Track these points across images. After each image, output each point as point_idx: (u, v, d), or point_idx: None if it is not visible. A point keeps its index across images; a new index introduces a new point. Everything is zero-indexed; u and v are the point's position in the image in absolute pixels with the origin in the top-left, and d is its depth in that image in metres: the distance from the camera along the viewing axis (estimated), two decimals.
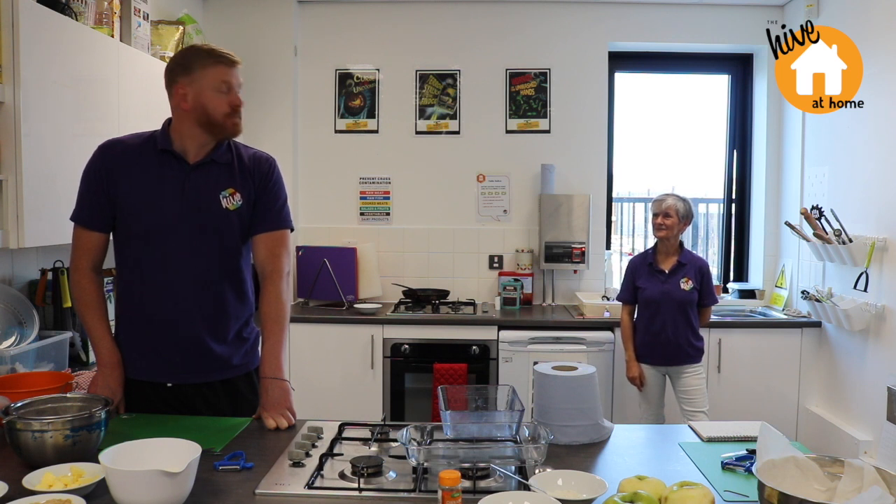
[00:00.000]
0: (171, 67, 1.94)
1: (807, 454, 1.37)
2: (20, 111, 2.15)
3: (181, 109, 1.91)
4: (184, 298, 1.93)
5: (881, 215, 3.36)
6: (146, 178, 1.91)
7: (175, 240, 1.91)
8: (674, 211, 3.41)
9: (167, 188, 1.91)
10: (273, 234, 2.02)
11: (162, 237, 1.90)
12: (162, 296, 1.93)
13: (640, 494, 1.29)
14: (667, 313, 3.38)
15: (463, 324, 3.91)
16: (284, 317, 2.00)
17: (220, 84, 1.89)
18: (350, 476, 1.55)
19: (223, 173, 1.97)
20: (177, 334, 1.94)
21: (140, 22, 3.05)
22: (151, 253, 1.91)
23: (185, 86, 1.89)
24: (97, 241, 1.95)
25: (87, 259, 1.95)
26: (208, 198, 1.94)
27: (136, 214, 1.90)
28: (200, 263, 1.94)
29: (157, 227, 1.90)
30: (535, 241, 4.44)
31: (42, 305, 2.63)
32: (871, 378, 3.43)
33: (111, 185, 1.90)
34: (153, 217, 1.90)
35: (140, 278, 1.94)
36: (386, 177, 4.53)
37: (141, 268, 1.94)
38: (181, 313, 1.94)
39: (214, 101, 1.89)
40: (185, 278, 1.93)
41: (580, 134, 4.47)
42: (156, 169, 1.92)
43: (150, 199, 1.90)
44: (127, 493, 1.30)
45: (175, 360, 1.96)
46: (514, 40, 4.45)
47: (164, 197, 1.90)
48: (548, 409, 1.82)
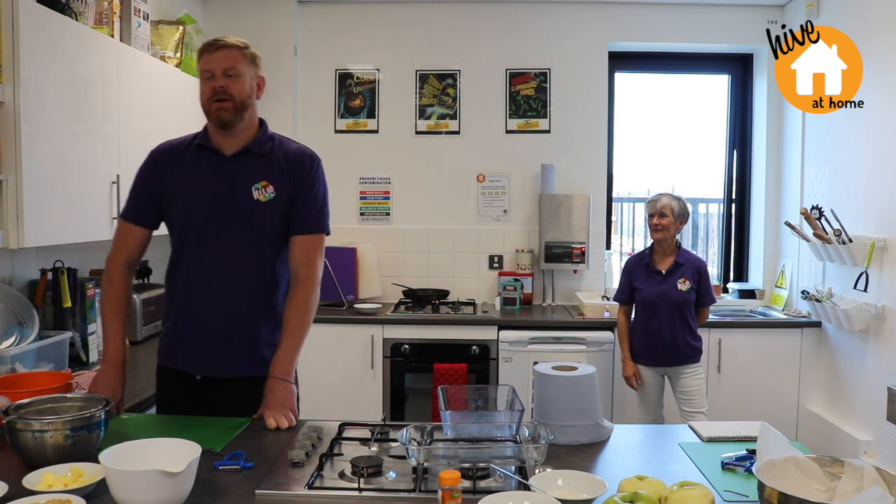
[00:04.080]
0: None
1: (807, 454, 1.37)
2: (20, 111, 2.14)
3: None
4: (213, 289, 1.96)
5: (881, 215, 3.36)
6: (186, 172, 1.98)
7: (206, 229, 1.96)
8: (669, 210, 3.40)
9: (202, 180, 1.97)
10: (310, 238, 2.00)
11: (195, 227, 1.96)
12: (193, 285, 1.98)
13: (640, 494, 1.29)
14: (664, 314, 3.38)
15: (463, 324, 3.91)
16: (307, 323, 2.00)
17: (203, 72, 1.94)
18: (350, 476, 1.55)
19: (259, 165, 1.98)
20: (203, 325, 1.97)
21: (140, 22, 3.04)
22: (188, 243, 1.98)
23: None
24: (137, 237, 2.01)
25: (124, 253, 2.01)
26: (240, 189, 1.96)
27: (175, 206, 1.98)
28: (229, 254, 1.95)
29: (191, 217, 1.96)
30: (535, 241, 4.44)
31: (42, 305, 2.63)
32: (871, 378, 3.43)
33: (156, 181, 1.98)
34: (188, 208, 1.96)
35: (179, 268, 2.01)
36: (386, 177, 4.53)
37: (181, 257, 2.00)
38: (210, 304, 1.96)
39: (202, 89, 1.94)
40: (215, 269, 1.95)
41: (580, 134, 4.47)
42: (194, 163, 1.99)
43: (186, 191, 1.97)
44: (127, 493, 1.30)
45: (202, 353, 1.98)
46: (514, 40, 4.45)
47: (199, 188, 1.97)
48: (548, 409, 1.82)
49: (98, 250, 3.14)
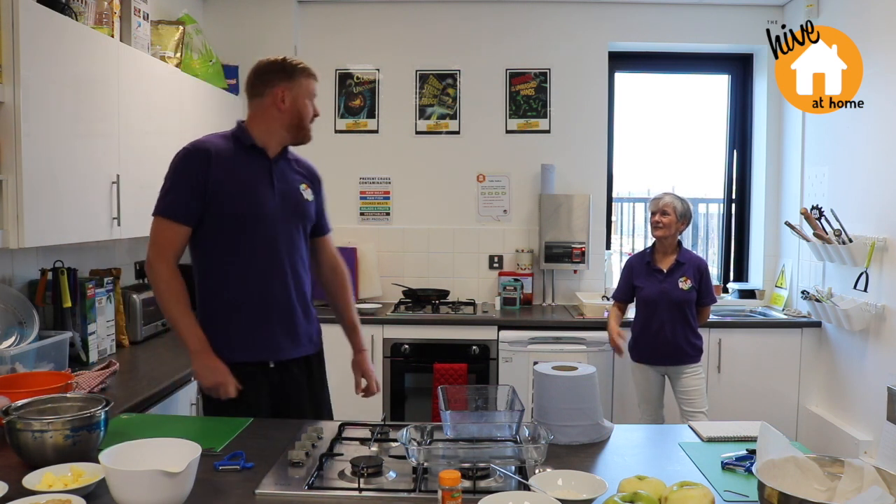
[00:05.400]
0: (268, 71, 2.13)
1: (807, 454, 1.37)
2: (20, 111, 2.14)
3: (276, 110, 2.11)
4: (281, 278, 2.10)
5: (881, 215, 3.36)
6: (239, 169, 2.07)
7: (270, 223, 2.08)
8: (671, 209, 3.40)
9: (259, 177, 2.09)
10: (329, 238, 2.37)
11: (257, 221, 2.06)
12: (262, 276, 2.08)
13: (640, 494, 1.29)
14: (664, 313, 3.38)
15: (463, 324, 3.91)
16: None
17: (311, 94, 2.18)
18: (350, 476, 1.55)
19: (294, 169, 2.22)
20: (275, 313, 2.10)
21: (140, 22, 3.04)
22: (249, 237, 2.06)
23: (286, 90, 2.11)
24: (184, 235, 2.04)
25: (172, 252, 2.03)
26: (293, 187, 2.17)
27: (233, 202, 2.04)
28: (290, 245, 2.13)
29: (253, 211, 2.06)
30: (535, 241, 4.44)
31: (42, 305, 2.63)
32: (871, 378, 3.43)
33: (207, 178, 2.02)
34: (249, 203, 2.05)
35: (238, 262, 2.06)
36: (386, 177, 4.53)
37: (238, 252, 2.06)
38: (280, 292, 2.10)
39: (308, 108, 2.16)
40: (280, 259, 2.10)
41: (580, 134, 4.47)
42: (245, 161, 2.09)
43: (245, 188, 2.06)
44: (127, 493, 1.30)
45: (275, 338, 2.10)
46: (514, 40, 4.45)
47: (257, 185, 2.08)
48: (548, 409, 1.83)
49: (98, 250, 3.15)
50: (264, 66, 2.15)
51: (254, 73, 2.16)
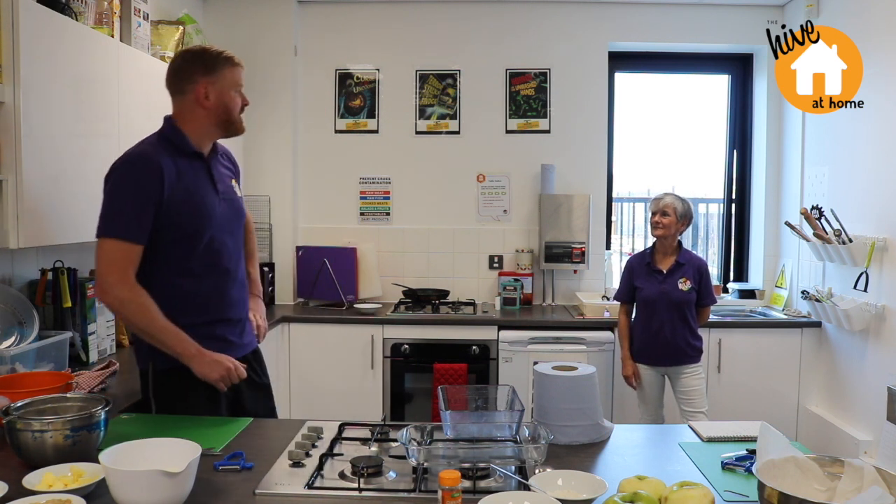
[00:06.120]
0: (187, 67, 2.00)
1: (807, 454, 1.37)
2: (20, 111, 2.14)
3: (201, 107, 2.00)
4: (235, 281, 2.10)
5: (881, 215, 3.36)
6: (186, 180, 1.97)
7: (220, 230, 2.04)
8: (671, 209, 3.40)
9: (203, 184, 2.02)
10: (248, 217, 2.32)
11: (209, 231, 2.00)
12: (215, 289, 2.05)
13: (640, 494, 1.29)
14: (664, 313, 3.38)
15: (463, 324, 3.91)
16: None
17: (236, 84, 2.04)
18: (350, 476, 1.55)
19: (224, 164, 2.16)
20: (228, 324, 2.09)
21: (140, 22, 3.04)
22: (203, 248, 1.99)
23: (208, 84, 1.99)
24: (139, 254, 1.90)
25: (132, 272, 1.89)
26: (229, 187, 2.13)
27: (184, 217, 1.94)
28: (237, 247, 2.13)
29: (204, 222, 1.99)
30: (535, 241, 4.44)
31: (42, 305, 2.63)
32: (871, 378, 3.43)
33: (161, 194, 1.89)
34: (200, 216, 1.98)
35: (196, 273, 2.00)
36: (386, 177, 4.53)
37: (193, 265, 1.99)
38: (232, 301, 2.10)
39: (235, 100, 2.04)
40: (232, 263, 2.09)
41: (580, 134, 4.47)
42: (187, 168, 1.99)
43: (194, 200, 1.98)
44: (127, 493, 1.30)
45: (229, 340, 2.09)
46: (514, 40, 4.45)
47: (205, 195, 2.01)
48: (548, 409, 1.83)
49: None
50: (182, 59, 2.02)
51: (172, 69, 2.02)
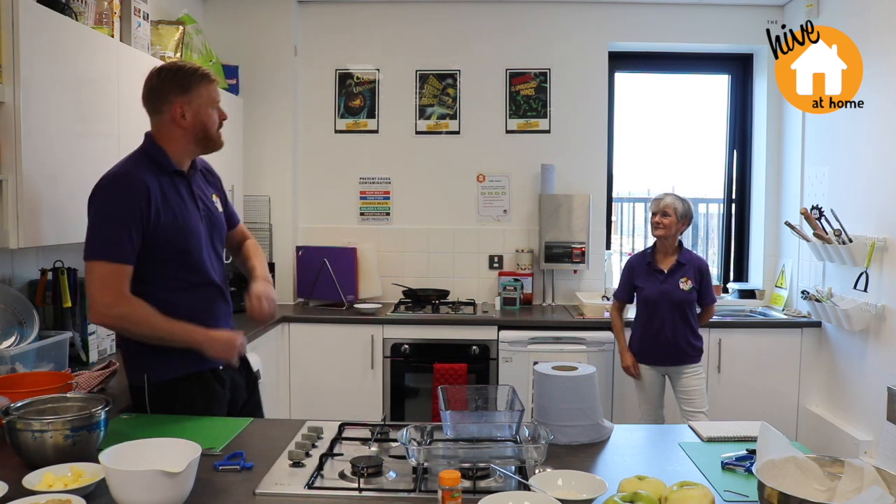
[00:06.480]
0: (162, 87, 1.97)
1: (807, 454, 1.37)
2: (20, 111, 2.14)
3: (178, 127, 1.98)
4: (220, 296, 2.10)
5: (881, 215, 3.36)
6: (170, 200, 1.97)
7: (205, 249, 2.04)
8: (672, 209, 3.40)
9: (186, 204, 2.02)
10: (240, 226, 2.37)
11: (193, 248, 2.00)
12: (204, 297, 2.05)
13: (640, 494, 1.29)
14: (665, 313, 3.38)
15: (463, 324, 3.91)
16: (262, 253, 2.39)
17: (213, 100, 2.03)
18: (350, 476, 1.55)
19: (203, 181, 2.16)
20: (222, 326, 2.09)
21: (140, 22, 3.04)
22: (187, 265, 2.00)
23: (184, 104, 1.97)
24: (130, 274, 1.89)
25: (127, 288, 1.88)
26: (210, 204, 2.13)
27: (174, 235, 1.95)
28: (219, 264, 2.12)
29: (189, 240, 1.99)
30: (535, 241, 4.44)
31: (42, 305, 2.63)
32: (871, 378, 3.43)
33: (149, 216, 1.89)
34: (185, 235, 1.98)
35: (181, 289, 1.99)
36: (386, 177, 4.53)
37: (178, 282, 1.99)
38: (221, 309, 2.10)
39: (212, 117, 2.03)
40: (216, 277, 2.08)
41: (580, 134, 4.47)
42: (170, 186, 1.99)
43: (180, 218, 1.97)
44: (127, 493, 1.30)
45: None
46: (514, 40, 4.45)
47: (188, 215, 2.01)
48: (548, 409, 1.82)
49: None
50: (157, 79, 1.99)
51: (147, 89, 2.00)
